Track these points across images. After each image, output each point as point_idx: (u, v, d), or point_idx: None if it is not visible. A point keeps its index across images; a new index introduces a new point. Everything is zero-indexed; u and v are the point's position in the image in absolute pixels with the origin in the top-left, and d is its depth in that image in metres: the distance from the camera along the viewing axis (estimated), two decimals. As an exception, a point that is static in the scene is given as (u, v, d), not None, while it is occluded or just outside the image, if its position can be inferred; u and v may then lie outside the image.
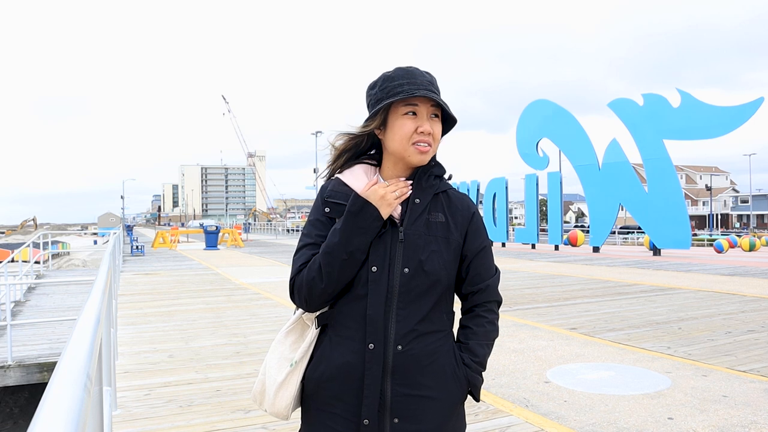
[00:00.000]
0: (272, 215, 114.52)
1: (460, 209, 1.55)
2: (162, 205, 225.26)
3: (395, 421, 1.44)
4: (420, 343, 1.46)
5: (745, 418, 3.68)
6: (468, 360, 1.52)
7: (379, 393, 1.43)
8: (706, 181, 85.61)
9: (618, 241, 35.52)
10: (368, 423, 1.43)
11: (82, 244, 44.91)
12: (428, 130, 1.47)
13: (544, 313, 7.84)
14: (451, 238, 1.51)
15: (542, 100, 23.32)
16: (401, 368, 1.44)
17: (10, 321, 6.22)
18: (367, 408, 1.43)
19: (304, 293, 1.48)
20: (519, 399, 4.14)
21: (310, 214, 1.60)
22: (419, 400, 1.45)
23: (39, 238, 17.01)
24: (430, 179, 1.53)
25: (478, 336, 1.54)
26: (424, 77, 1.50)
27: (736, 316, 7.37)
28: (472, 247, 1.54)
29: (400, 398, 1.44)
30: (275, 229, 58.97)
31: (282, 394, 1.51)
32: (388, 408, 1.44)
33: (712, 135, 17.31)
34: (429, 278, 1.46)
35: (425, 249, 1.47)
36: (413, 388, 1.45)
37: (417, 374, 1.45)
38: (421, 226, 1.49)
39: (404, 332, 1.44)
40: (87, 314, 1.53)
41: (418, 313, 1.46)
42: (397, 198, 1.48)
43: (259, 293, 10.29)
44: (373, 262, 1.46)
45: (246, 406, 4.01)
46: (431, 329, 1.48)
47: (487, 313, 1.56)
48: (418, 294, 1.46)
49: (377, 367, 1.43)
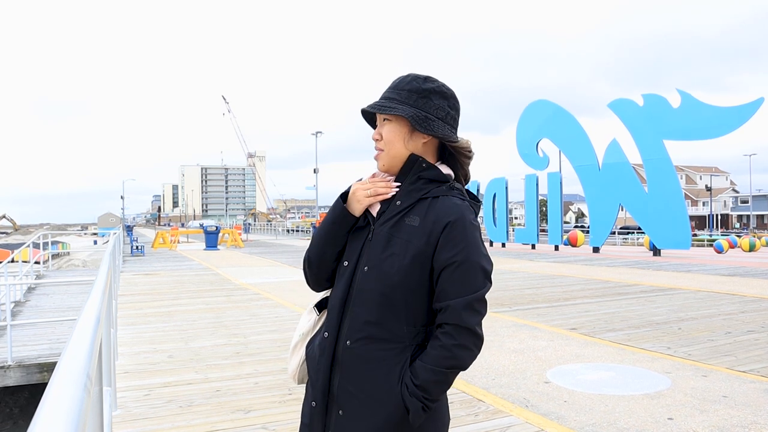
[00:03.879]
0: (272, 216, 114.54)
1: (439, 216, 1.44)
2: (162, 206, 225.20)
3: (340, 413, 1.48)
4: (367, 345, 1.45)
5: (745, 419, 3.68)
6: (407, 379, 1.41)
7: (326, 380, 1.50)
8: (706, 182, 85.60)
9: (618, 242, 35.53)
10: (315, 405, 1.52)
11: (82, 245, 44.91)
12: (374, 137, 1.55)
13: (544, 313, 7.84)
14: (416, 245, 1.43)
15: (542, 101, 23.31)
16: (347, 364, 1.48)
17: (10, 321, 6.23)
18: (315, 391, 1.52)
19: (305, 272, 1.66)
20: (519, 399, 4.14)
21: None
22: (358, 401, 1.46)
23: (39, 238, 17.02)
24: (418, 182, 1.50)
25: (427, 358, 1.41)
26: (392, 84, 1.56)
27: (736, 317, 7.37)
28: (441, 258, 1.42)
29: (343, 393, 1.48)
30: (275, 229, 58.97)
31: (293, 358, 1.64)
32: (335, 399, 1.49)
33: (712, 135, 17.30)
34: (383, 280, 1.44)
35: (385, 249, 1.46)
36: (355, 386, 1.47)
37: (359, 375, 1.46)
38: (390, 227, 1.48)
39: (354, 329, 1.47)
40: (87, 314, 1.53)
41: (369, 314, 1.45)
42: (369, 197, 1.51)
43: (259, 293, 10.29)
44: (346, 256, 1.54)
45: (246, 406, 4.01)
46: (383, 336, 1.44)
47: (443, 336, 1.40)
48: (372, 294, 1.45)
49: (327, 355, 1.50)
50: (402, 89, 1.52)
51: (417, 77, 1.53)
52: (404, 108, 1.48)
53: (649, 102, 18.50)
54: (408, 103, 1.49)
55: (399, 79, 1.55)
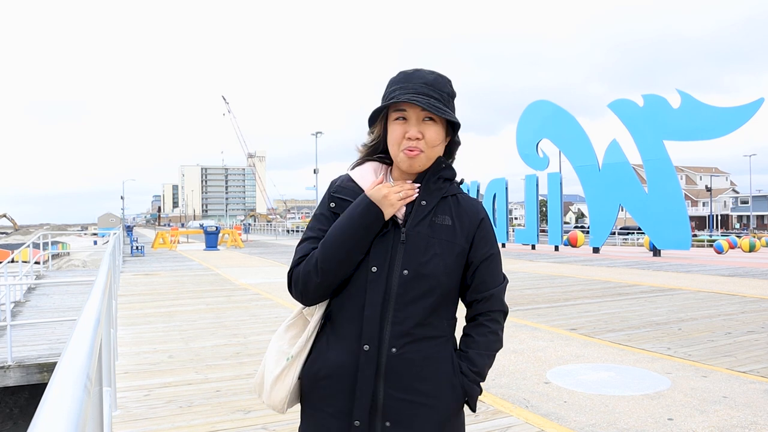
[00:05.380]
0: (272, 216, 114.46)
1: (469, 214, 1.52)
2: (162, 206, 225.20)
3: (387, 424, 1.42)
4: (415, 347, 1.44)
5: (745, 419, 3.68)
6: (466, 369, 1.49)
7: (371, 395, 1.42)
8: (706, 182, 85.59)
9: (618, 242, 35.53)
10: (359, 425, 1.42)
11: (82, 245, 44.92)
12: (415, 135, 1.45)
13: (544, 313, 7.84)
14: (456, 242, 1.48)
15: (542, 101, 23.32)
16: (395, 372, 1.42)
17: (10, 321, 6.22)
18: (359, 410, 1.42)
19: (300, 286, 1.48)
20: (519, 399, 4.14)
21: (317, 208, 1.60)
22: (412, 406, 1.43)
23: (39, 238, 17.02)
24: (438, 182, 1.51)
25: (479, 345, 1.51)
26: (421, 79, 1.47)
27: (736, 317, 7.37)
28: (479, 253, 1.51)
29: (392, 402, 1.42)
30: (275, 229, 58.97)
31: (278, 387, 1.51)
32: (380, 411, 1.42)
33: (712, 136, 17.31)
34: (428, 281, 1.44)
35: (426, 251, 1.45)
36: (407, 392, 1.42)
37: (411, 379, 1.43)
38: (425, 227, 1.47)
39: (399, 335, 1.42)
40: (87, 315, 1.53)
41: (414, 317, 1.44)
42: (402, 199, 1.47)
43: (259, 294, 10.29)
44: (373, 262, 1.45)
45: (246, 406, 4.01)
46: (429, 334, 1.46)
47: (491, 323, 1.53)
48: (415, 297, 1.44)
49: (370, 368, 1.42)
50: (442, 91, 1.47)
51: (447, 80, 1.52)
52: (452, 113, 1.49)
53: (649, 102, 18.50)
54: (450, 107, 1.50)
55: (433, 77, 1.49)
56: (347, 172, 1.59)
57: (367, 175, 1.54)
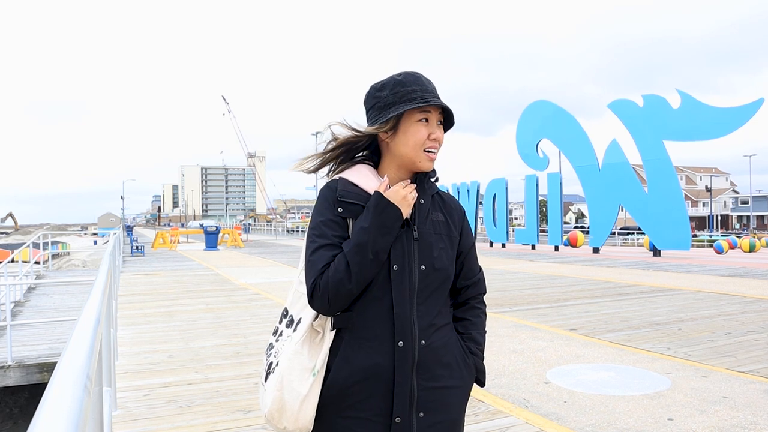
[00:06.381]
0: (272, 216, 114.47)
1: (455, 209, 1.66)
2: (162, 206, 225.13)
3: (420, 415, 1.47)
4: (437, 335, 1.53)
5: (745, 419, 3.68)
6: (474, 348, 1.63)
7: (409, 389, 1.46)
8: (706, 182, 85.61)
9: (618, 242, 35.53)
10: (400, 421, 1.44)
11: (82, 245, 44.92)
12: (440, 138, 1.55)
13: (544, 313, 7.84)
14: (452, 236, 1.61)
15: (542, 101, 23.32)
16: (424, 362, 1.49)
17: (10, 321, 6.23)
18: (399, 406, 1.45)
19: (329, 295, 1.43)
20: (519, 400, 4.14)
21: (316, 214, 1.54)
22: (440, 391, 1.51)
23: (39, 238, 17.02)
24: (429, 182, 1.61)
25: (477, 326, 1.65)
26: (431, 84, 1.56)
27: (736, 317, 7.37)
28: (466, 243, 1.66)
29: (424, 392, 1.48)
30: (275, 229, 58.97)
31: (306, 407, 1.46)
32: (415, 403, 1.47)
33: (712, 136, 17.30)
34: (441, 274, 1.55)
35: (435, 247, 1.55)
36: (434, 380, 1.50)
37: (436, 366, 1.51)
38: (428, 225, 1.57)
39: (425, 327, 1.50)
40: (87, 315, 1.53)
41: (434, 308, 1.54)
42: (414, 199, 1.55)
43: (259, 294, 10.29)
44: (394, 261, 1.49)
45: (246, 406, 4.01)
46: (443, 322, 1.57)
47: (480, 305, 1.69)
48: (432, 290, 1.53)
49: (408, 363, 1.46)
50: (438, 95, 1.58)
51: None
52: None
53: (649, 102, 18.49)
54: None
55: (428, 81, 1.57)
56: (341, 176, 1.56)
57: (370, 178, 1.54)
